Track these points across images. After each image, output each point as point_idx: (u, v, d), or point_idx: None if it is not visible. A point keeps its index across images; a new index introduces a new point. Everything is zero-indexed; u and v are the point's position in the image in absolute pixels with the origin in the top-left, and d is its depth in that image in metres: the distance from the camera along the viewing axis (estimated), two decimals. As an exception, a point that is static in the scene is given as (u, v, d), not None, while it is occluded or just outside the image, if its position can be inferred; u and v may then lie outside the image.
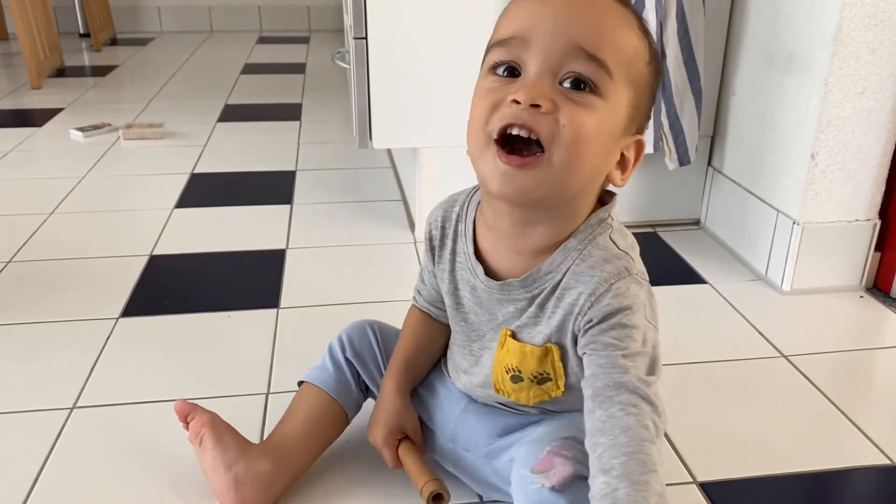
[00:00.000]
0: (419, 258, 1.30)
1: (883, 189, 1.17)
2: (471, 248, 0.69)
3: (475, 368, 0.73)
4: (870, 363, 1.04)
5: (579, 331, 0.63)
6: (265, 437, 0.82)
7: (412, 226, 1.43)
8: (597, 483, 0.57)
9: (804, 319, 1.14)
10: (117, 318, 1.11)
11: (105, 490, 0.78)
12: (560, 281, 0.63)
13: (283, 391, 0.93)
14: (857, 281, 1.21)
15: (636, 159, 0.64)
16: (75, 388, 0.94)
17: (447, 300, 0.73)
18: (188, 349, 1.04)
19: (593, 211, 0.65)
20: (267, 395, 0.93)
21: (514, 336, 0.67)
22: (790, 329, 1.10)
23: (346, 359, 0.82)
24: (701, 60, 1.25)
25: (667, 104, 1.26)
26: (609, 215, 0.65)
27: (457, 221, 0.71)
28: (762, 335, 1.08)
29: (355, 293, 1.19)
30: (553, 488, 0.62)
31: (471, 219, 0.69)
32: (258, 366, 0.99)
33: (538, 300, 0.65)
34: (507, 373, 0.69)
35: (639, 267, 0.64)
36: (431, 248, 0.73)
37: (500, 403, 0.74)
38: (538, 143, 0.57)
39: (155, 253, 1.33)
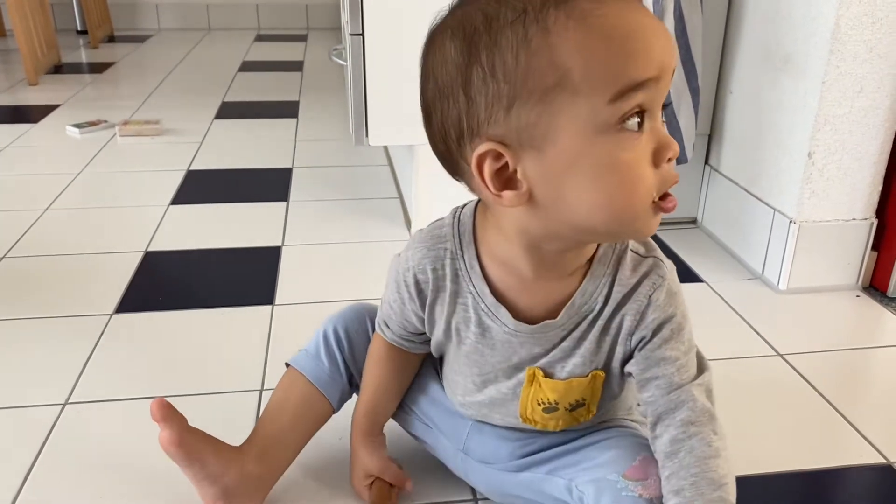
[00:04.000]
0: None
1: (880, 188, 1.17)
2: (485, 289, 0.63)
3: (478, 395, 0.70)
4: (866, 362, 1.04)
5: (630, 351, 0.64)
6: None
7: (408, 223, 1.43)
8: None
9: (800, 318, 1.13)
10: (111, 314, 1.10)
11: (96, 486, 0.78)
12: (601, 311, 0.63)
13: (278, 388, 0.92)
14: (853, 280, 1.21)
15: None
16: (68, 384, 0.94)
17: (440, 338, 0.68)
18: (182, 346, 1.03)
19: None
20: (261, 391, 0.93)
21: (546, 374, 0.65)
22: (786, 328, 1.10)
23: (344, 360, 0.78)
24: (699, 59, 1.25)
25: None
26: None
27: (452, 260, 0.64)
28: (758, 334, 1.08)
29: (351, 290, 1.18)
30: (651, 500, 0.61)
31: (472, 255, 0.63)
32: (252, 363, 0.99)
33: (574, 333, 0.63)
34: (539, 405, 0.67)
35: (667, 264, 0.64)
36: (420, 293, 0.66)
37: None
38: None
39: (150, 249, 1.32)
